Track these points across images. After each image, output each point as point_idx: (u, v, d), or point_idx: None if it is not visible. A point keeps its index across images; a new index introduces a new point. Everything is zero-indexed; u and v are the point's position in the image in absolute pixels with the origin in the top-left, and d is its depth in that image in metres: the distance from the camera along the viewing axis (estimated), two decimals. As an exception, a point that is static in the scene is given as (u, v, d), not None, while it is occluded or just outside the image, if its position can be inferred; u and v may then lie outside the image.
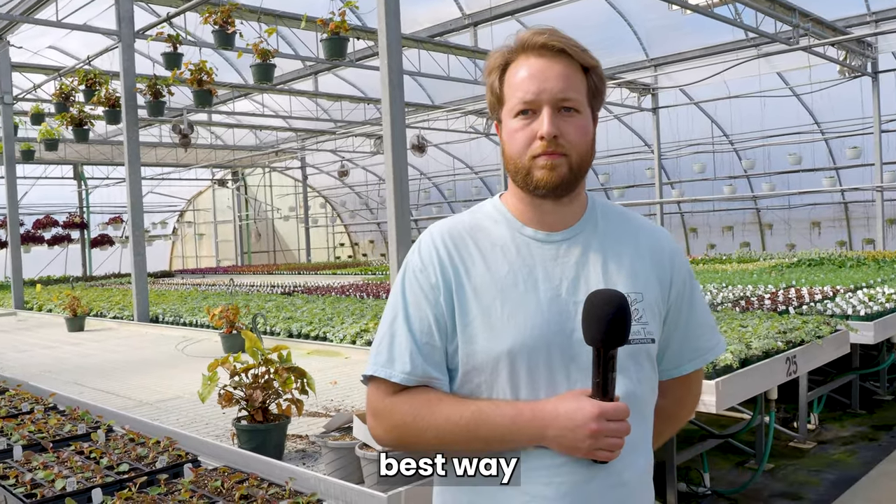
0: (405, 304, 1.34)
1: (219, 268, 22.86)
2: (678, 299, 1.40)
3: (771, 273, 9.63)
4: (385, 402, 1.32)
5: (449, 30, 12.00)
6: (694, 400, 1.54)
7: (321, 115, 17.49)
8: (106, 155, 19.96)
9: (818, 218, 16.76)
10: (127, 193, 8.11)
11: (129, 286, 9.44)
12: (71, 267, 21.83)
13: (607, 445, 1.20)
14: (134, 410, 3.72)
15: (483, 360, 1.29)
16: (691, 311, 1.42)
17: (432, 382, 1.32)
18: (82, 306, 8.04)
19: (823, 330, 4.99)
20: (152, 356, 5.84)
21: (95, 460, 2.61)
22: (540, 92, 1.27)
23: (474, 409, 1.26)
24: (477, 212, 1.42)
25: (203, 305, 8.49)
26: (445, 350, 1.32)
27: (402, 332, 1.33)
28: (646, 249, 1.38)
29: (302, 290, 11.30)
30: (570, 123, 1.29)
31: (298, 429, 3.26)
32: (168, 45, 8.03)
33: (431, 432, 1.28)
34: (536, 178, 1.29)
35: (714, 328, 1.47)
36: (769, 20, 10.47)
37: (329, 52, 6.85)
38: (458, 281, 1.32)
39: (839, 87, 13.36)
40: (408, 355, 1.31)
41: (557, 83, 1.27)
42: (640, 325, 1.32)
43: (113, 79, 9.50)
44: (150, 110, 8.95)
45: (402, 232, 5.02)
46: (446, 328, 1.32)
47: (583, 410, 1.19)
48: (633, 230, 1.40)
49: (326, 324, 6.37)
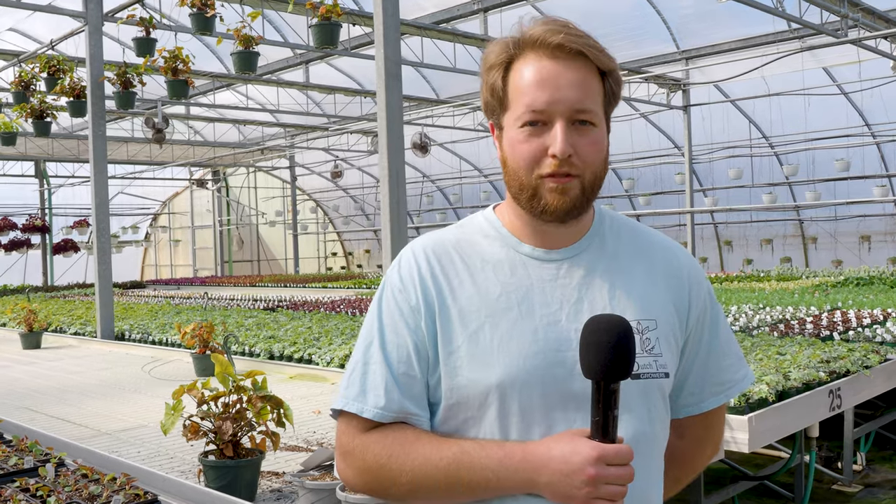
0: (381, 329, 1.31)
1: (196, 278, 22.89)
2: (698, 325, 1.36)
3: (814, 293, 9.58)
4: (356, 440, 1.28)
5: (456, 16, 12.01)
6: (716, 441, 1.50)
7: (313, 108, 17.54)
8: (71, 151, 20.04)
9: (868, 231, 16.69)
10: (92, 194, 8.12)
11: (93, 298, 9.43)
12: (30, 275, 21.89)
13: (607, 494, 1.14)
14: (90, 441, 3.69)
15: (469, 393, 1.26)
16: (713, 339, 1.39)
17: (410, 419, 1.28)
18: (39, 321, 8.04)
19: (872, 359, 4.94)
20: (115, 378, 5.82)
21: (42, 499, 2.58)
22: (553, 102, 1.23)
23: (457, 449, 1.22)
24: (466, 225, 1.39)
25: (175, 321, 8.48)
26: (426, 382, 1.29)
27: (376, 361, 1.29)
28: (660, 269, 1.34)
29: (287, 305, 11.29)
30: (585, 139, 1.24)
31: (275, 465, 3.23)
32: (140, 29, 8.05)
33: (406, 476, 1.24)
34: (545, 203, 1.25)
35: (740, 358, 1.43)
36: (814, 9, 10.45)
37: (319, 39, 6.86)
38: (442, 302, 1.29)
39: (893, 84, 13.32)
40: (383, 388, 1.27)
41: (573, 93, 1.23)
42: (653, 358, 1.28)
43: (78, 66, 9.53)
44: (120, 102, 8.97)
45: (399, 241, 5.01)
46: (427, 357, 1.28)
47: (579, 453, 1.14)
48: (645, 247, 1.37)
49: (312, 344, 6.35)
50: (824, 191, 15.91)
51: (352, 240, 27.36)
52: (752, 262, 17.93)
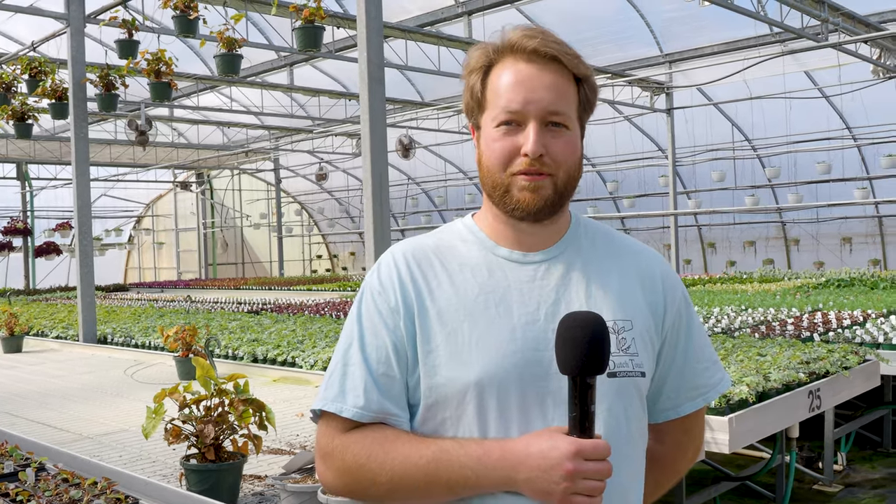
0: (361, 331, 1.33)
1: (179, 281, 22.76)
2: (674, 330, 1.38)
3: (795, 294, 9.66)
4: (335, 441, 1.29)
5: (440, 19, 12.02)
6: (696, 445, 1.52)
7: (297, 111, 17.49)
8: (53, 153, 19.89)
9: (849, 233, 16.84)
10: (74, 196, 8.07)
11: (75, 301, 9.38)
12: (12, 278, 21.68)
13: (585, 489, 1.15)
14: (70, 446, 3.67)
15: (447, 392, 1.27)
16: (689, 343, 1.40)
17: (389, 419, 1.30)
18: (21, 324, 7.98)
19: (851, 360, 4.99)
20: (97, 382, 5.79)
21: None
22: (527, 102, 1.27)
23: (436, 448, 1.23)
24: (445, 231, 1.42)
25: (158, 325, 8.43)
26: (406, 383, 1.30)
27: (356, 362, 1.31)
28: (634, 273, 1.37)
29: (272, 307, 11.26)
30: (558, 140, 1.28)
31: (257, 468, 3.23)
32: (123, 31, 8.01)
33: (385, 475, 1.25)
34: (516, 199, 1.29)
35: (716, 362, 1.45)
36: (795, 13, 10.55)
37: (302, 42, 6.84)
38: (421, 304, 1.30)
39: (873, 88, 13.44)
40: (362, 388, 1.29)
41: (547, 95, 1.27)
42: (629, 357, 1.30)
43: (60, 68, 9.47)
44: (102, 104, 8.91)
45: (382, 243, 5.01)
46: (406, 357, 1.30)
47: (557, 448, 1.15)
48: (619, 251, 1.40)
49: (296, 347, 6.33)
50: (806, 193, 16.03)
51: (337, 242, 27.30)
52: (735, 263, 18.04)
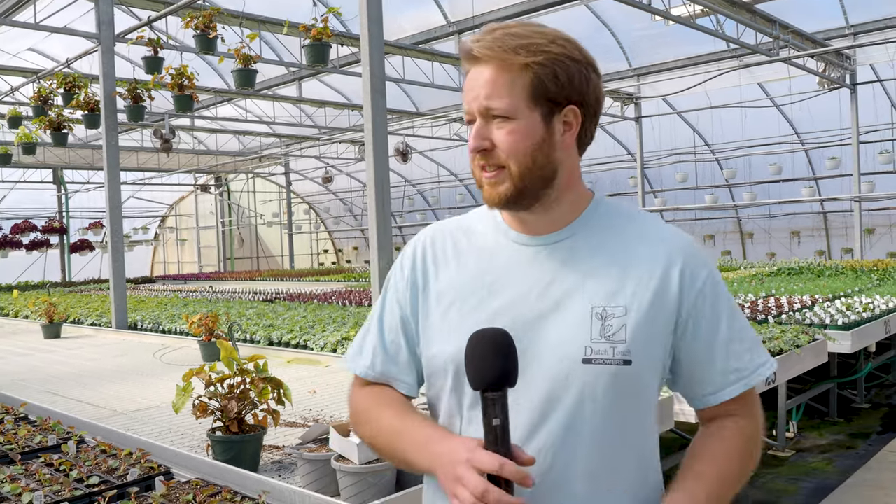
0: (383, 301, 1.36)
1: (201, 274, 22.67)
2: (693, 316, 1.20)
3: (751, 282, 9.69)
4: (352, 391, 1.37)
5: (434, 37, 12.00)
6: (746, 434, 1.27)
7: (305, 120, 17.42)
8: (86, 159, 19.76)
9: (798, 227, 16.92)
10: (106, 198, 8.02)
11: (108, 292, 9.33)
12: (50, 272, 21.56)
13: (457, 494, 1.06)
14: (107, 421, 3.65)
15: (436, 365, 1.25)
16: (716, 327, 1.22)
17: (392, 382, 1.32)
18: (59, 313, 7.93)
19: (802, 339, 5.02)
20: (129, 364, 5.76)
21: (65, 473, 2.55)
22: (470, 101, 1.19)
23: (401, 423, 1.25)
24: (471, 214, 1.37)
25: (183, 312, 8.40)
26: (414, 352, 1.32)
27: (374, 329, 1.35)
28: (645, 259, 1.20)
29: (284, 297, 11.23)
30: (501, 131, 1.16)
31: (275, 439, 3.22)
32: (149, 49, 7.95)
33: (369, 431, 1.30)
34: (483, 195, 1.22)
35: (756, 345, 1.26)
36: (750, 32, 10.57)
37: (311, 58, 6.81)
38: (426, 283, 1.30)
39: (818, 98, 13.51)
40: (371, 351, 1.33)
41: (483, 90, 1.17)
42: (610, 344, 1.15)
43: (92, 82, 9.40)
44: (130, 115, 8.85)
45: (384, 239, 4.99)
46: (413, 329, 1.31)
47: (457, 452, 1.09)
48: (634, 237, 1.23)
49: (307, 332, 6.32)
50: (760, 192, 16.09)
51: (341, 238, 27.23)
52: (696, 255, 18.07)
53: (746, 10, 9.87)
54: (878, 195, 14.01)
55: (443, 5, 11.78)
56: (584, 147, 1.25)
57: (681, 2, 9.30)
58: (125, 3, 8.43)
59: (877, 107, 13.62)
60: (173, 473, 2.60)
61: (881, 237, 15.69)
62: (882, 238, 15.66)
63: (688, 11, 9.40)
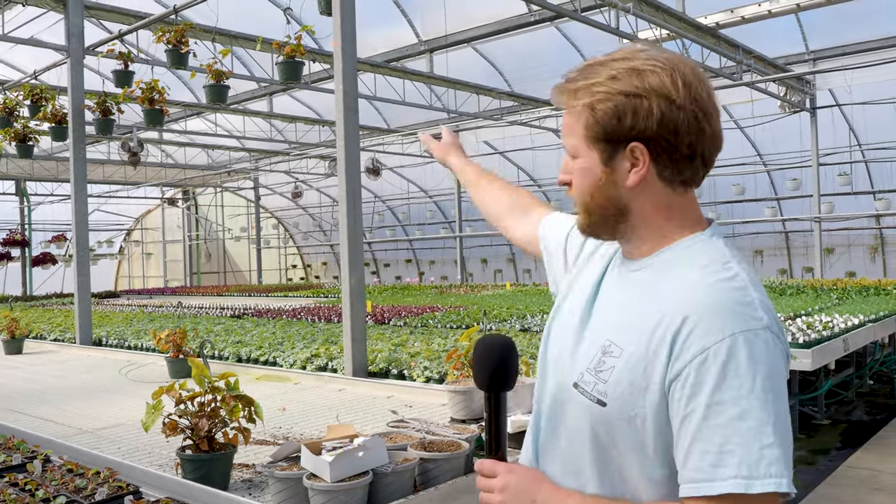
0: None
1: (166, 288, 22.35)
2: (678, 388, 1.07)
3: (716, 300, 9.85)
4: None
5: (406, 55, 12.10)
6: None
7: (275, 135, 17.37)
8: (50, 171, 19.43)
9: (761, 246, 17.28)
10: (72, 212, 7.90)
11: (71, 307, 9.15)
12: (10, 286, 21.09)
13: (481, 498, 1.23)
14: (73, 439, 3.59)
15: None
16: (689, 418, 1.05)
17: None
18: (21, 328, 7.76)
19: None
20: (94, 381, 5.66)
21: (31, 493, 2.51)
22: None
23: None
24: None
25: (149, 328, 8.28)
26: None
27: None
28: (656, 311, 1.13)
29: (252, 312, 11.12)
30: (574, 169, 1.24)
31: (245, 457, 3.20)
32: (119, 63, 7.89)
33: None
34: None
35: (731, 452, 1.03)
36: (714, 56, 10.84)
37: (284, 75, 6.83)
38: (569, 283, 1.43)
39: (780, 121, 13.88)
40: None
41: (563, 129, 1.28)
42: (595, 378, 1.16)
43: (60, 94, 9.28)
44: (99, 128, 8.75)
45: (355, 254, 5.00)
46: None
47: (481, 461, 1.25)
48: (665, 288, 1.15)
49: (276, 348, 6.28)
50: (724, 211, 16.43)
51: (310, 253, 27.09)
52: (662, 273, 18.32)
53: (711, 35, 10.14)
54: (837, 216, 14.40)
55: (415, 24, 11.89)
56: (674, 181, 1.18)
57: (648, 26, 9.51)
58: (96, 16, 8.37)
59: (835, 130, 14.04)
60: (142, 493, 2.57)
61: (840, 256, 16.11)
62: (841, 257, 16.08)
63: (654, 35, 9.62)
